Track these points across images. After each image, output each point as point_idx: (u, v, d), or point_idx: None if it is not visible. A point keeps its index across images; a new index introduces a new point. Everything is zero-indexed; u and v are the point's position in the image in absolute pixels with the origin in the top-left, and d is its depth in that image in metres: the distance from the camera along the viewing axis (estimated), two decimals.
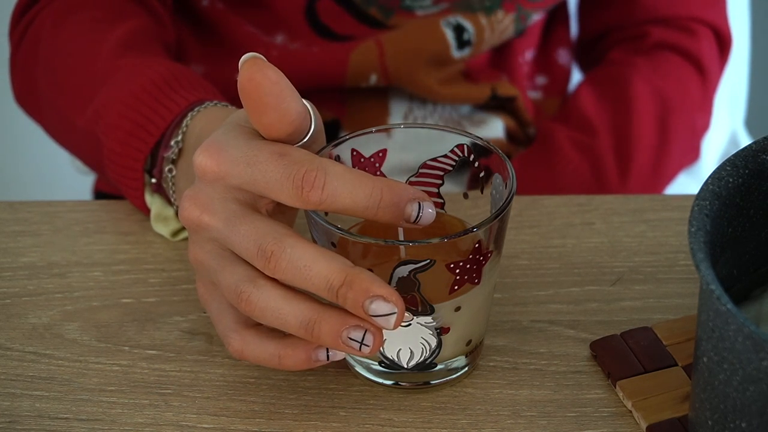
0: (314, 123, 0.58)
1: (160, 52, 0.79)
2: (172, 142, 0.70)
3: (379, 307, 0.54)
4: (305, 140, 0.58)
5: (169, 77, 0.73)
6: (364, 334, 0.55)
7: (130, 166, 0.72)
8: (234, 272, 0.57)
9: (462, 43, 0.91)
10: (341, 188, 0.55)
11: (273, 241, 0.55)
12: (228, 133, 0.58)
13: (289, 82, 0.56)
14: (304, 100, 0.57)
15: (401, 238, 0.60)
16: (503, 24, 0.92)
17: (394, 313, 0.54)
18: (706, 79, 0.98)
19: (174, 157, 0.70)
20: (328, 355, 0.57)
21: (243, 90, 0.55)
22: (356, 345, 0.55)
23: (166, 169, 0.70)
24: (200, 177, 0.58)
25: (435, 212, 0.56)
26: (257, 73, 0.55)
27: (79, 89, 0.77)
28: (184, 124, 0.70)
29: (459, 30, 0.91)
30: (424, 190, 0.61)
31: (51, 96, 0.81)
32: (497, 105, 0.96)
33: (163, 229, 0.73)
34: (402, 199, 0.55)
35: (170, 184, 0.70)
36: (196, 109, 0.71)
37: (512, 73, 0.97)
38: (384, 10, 0.90)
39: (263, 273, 0.56)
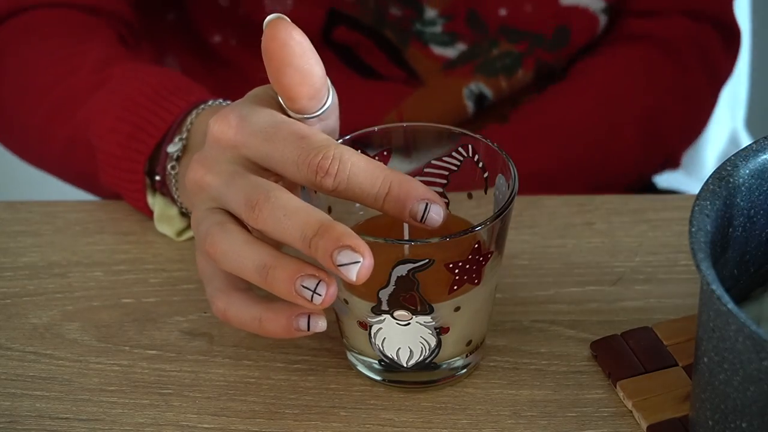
0: (331, 96, 0.59)
1: (146, 61, 0.80)
2: (176, 139, 0.70)
3: (345, 256, 0.53)
4: (322, 111, 0.59)
5: (166, 81, 0.73)
6: (318, 284, 0.55)
7: (130, 169, 0.72)
8: (210, 219, 0.58)
9: (480, 105, 0.91)
10: (353, 177, 0.55)
11: (262, 192, 0.55)
12: (248, 105, 0.59)
13: (312, 45, 0.56)
14: None
15: (407, 234, 0.61)
16: (523, 81, 0.92)
17: (358, 262, 0.53)
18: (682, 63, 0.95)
19: (179, 154, 0.70)
20: (309, 325, 0.57)
21: (267, 49, 0.56)
22: (308, 294, 0.54)
23: (169, 166, 0.70)
24: (212, 143, 0.59)
25: (443, 216, 0.56)
26: (282, 32, 0.55)
27: (61, 102, 0.77)
28: (188, 121, 0.70)
29: (480, 98, 0.91)
30: None
31: (22, 116, 0.80)
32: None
33: (167, 228, 0.73)
34: (410, 196, 0.56)
35: (173, 180, 0.70)
36: (201, 106, 0.71)
37: None
38: (398, 32, 0.89)
39: (235, 219, 0.57)
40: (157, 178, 0.72)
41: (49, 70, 0.79)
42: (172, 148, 0.70)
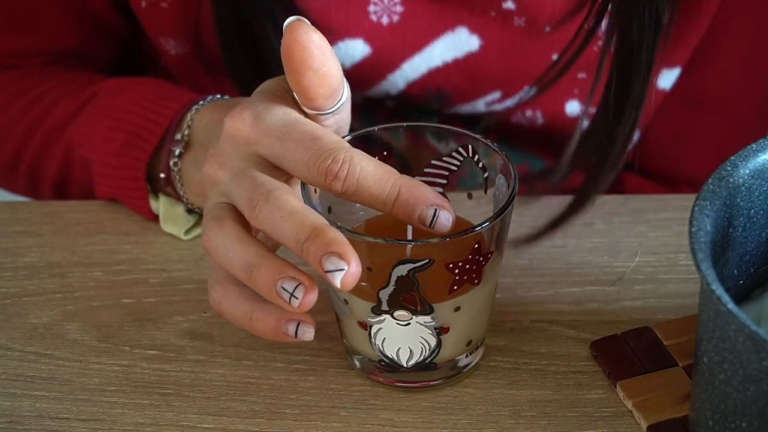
0: (346, 91, 0.59)
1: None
2: (177, 136, 0.70)
3: (331, 263, 0.53)
4: (337, 108, 0.59)
5: (155, 88, 0.74)
6: (296, 287, 0.54)
7: (129, 176, 0.72)
8: (212, 213, 0.58)
9: None
10: (362, 181, 0.55)
11: (263, 192, 0.56)
12: (263, 102, 0.59)
13: (330, 46, 0.56)
14: None
15: (410, 234, 0.61)
16: None
17: (342, 269, 0.53)
18: None
19: (182, 150, 0.70)
20: (297, 332, 0.57)
21: (287, 51, 0.56)
22: (287, 296, 0.54)
23: (171, 162, 0.70)
24: (226, 139, 0.59)
25: (452, 221, 0.56)
26: (303, 35, 0.55)
27: (49, 134, 0.78)
28: (188, 117, 0.70)
29: None
30: None
31: (4, 173, 0.82)
32: None
33: (174, 228, 0.73)
34: (418, 201, 0.56)
35: (177, 177, 0.71)
36: (200, 102, 0.71)
37: None
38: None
39: (238, 215, 0.57)
40: (162, 176, 0.72)
41: (29, 111, 0.80)
42: (174, 146, 0.70)
